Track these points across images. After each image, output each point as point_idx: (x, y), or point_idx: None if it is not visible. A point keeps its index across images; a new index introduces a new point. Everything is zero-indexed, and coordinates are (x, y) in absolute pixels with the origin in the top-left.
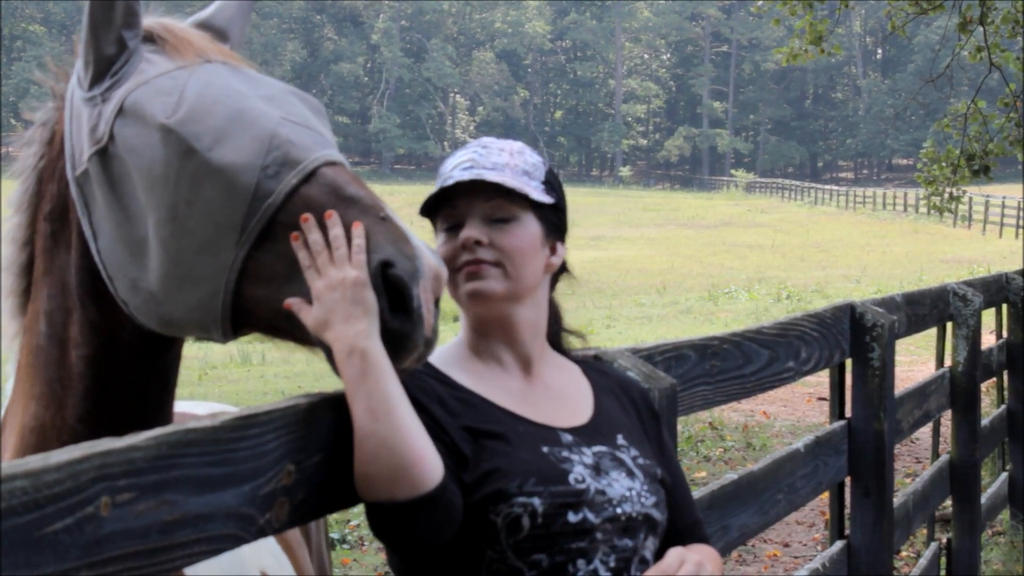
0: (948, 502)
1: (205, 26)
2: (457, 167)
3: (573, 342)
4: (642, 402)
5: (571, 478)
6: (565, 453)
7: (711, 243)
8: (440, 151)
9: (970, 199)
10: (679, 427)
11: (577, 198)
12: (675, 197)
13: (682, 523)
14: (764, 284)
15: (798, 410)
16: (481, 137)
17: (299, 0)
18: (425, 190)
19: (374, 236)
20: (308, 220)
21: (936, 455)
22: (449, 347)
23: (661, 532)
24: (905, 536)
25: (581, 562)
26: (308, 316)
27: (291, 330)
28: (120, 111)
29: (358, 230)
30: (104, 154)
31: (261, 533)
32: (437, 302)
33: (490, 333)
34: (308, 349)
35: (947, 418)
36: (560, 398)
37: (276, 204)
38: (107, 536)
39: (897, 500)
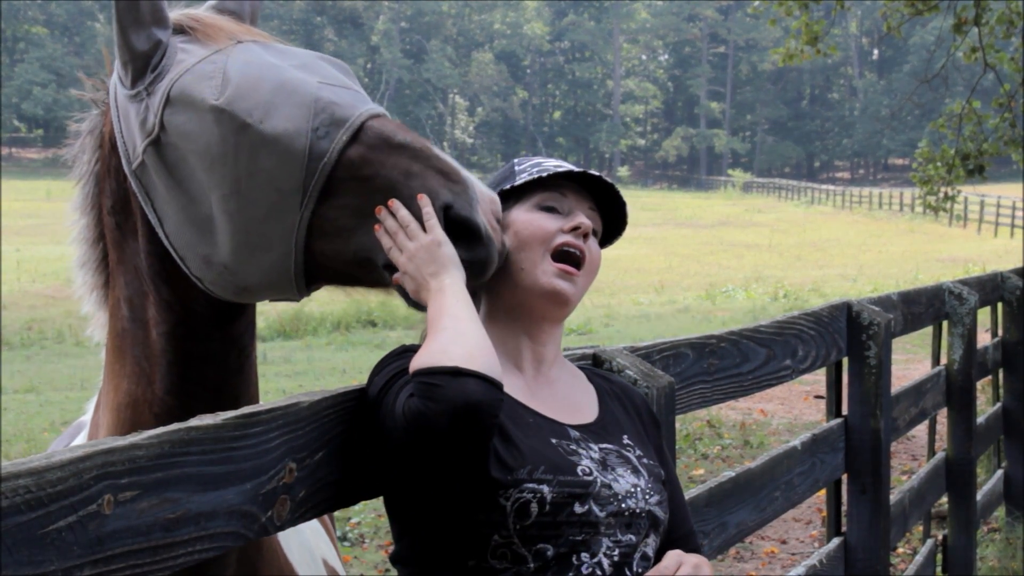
0: (944, 499)
1: (219, 11)
2: (563, 165)
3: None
4: (644, 409)
5: (579, 470)
6: (573, 447)
7: (709, 242)
8: (440, 151)
9: (965, 199)
10: (677, 425)
11: None
12: (673, 197)
13: (676, 532)
14: (761, 283)
15: (795, 408)
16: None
17: (299, 1)
18: None
19: (428, 182)
20: (381, 210)
21: (932, 453)
22: None
23: (663, 531)
24: (901, 533)
25: (585, 555)
26: (408, 288)
27: (364, 276)
28: (167, 101)
29: (423, 200)
30: (157, 144)
31: (263, 531)
32: (498, 220)
33: (527, 328)
34: (383, 292)
35: (943, 416)
36: (567, 399)
37: (332, 162)
38: (110, 534)
39: (893, 497)
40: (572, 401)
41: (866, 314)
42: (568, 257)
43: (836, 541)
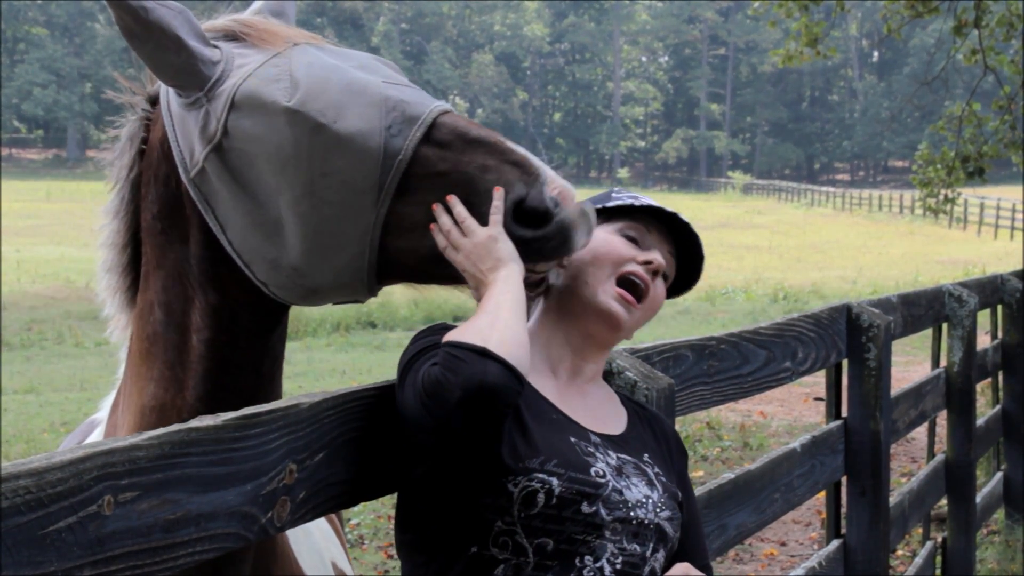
0: (944, 501)
1: (267, 14)
2: (655, 204)
3: None
4: (673, 440)
5: (592, 470)
6: (591, 449)
7: (708, 244)
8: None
9: (965, 201)
10: (677, 427)
11: None
12: (673, 198)
13: (693, 564)
14: (761, 285)
15: (795, 410)
16: None
17: (300, 2)
18: None
19: (503, 175)
20: (437, 207)
21: (932, 455)
22: None
23: (671, 549)
24: (901, 535)
25: (588, 558)
26: (470, 285)
27: (438, 272)
28: (232, 105)
29: (497, 193)
30: (220, 149)
31: (263, 532)
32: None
33: (573, 340)
34: (455, 287)
35: (943, 418)
36: (596, 410)
37: (407, 158)
38: (110, 535)
39: (893, 499)
40: (600, 413)
41: (866, 316)
42: (632, 287)
43: (836, 543)
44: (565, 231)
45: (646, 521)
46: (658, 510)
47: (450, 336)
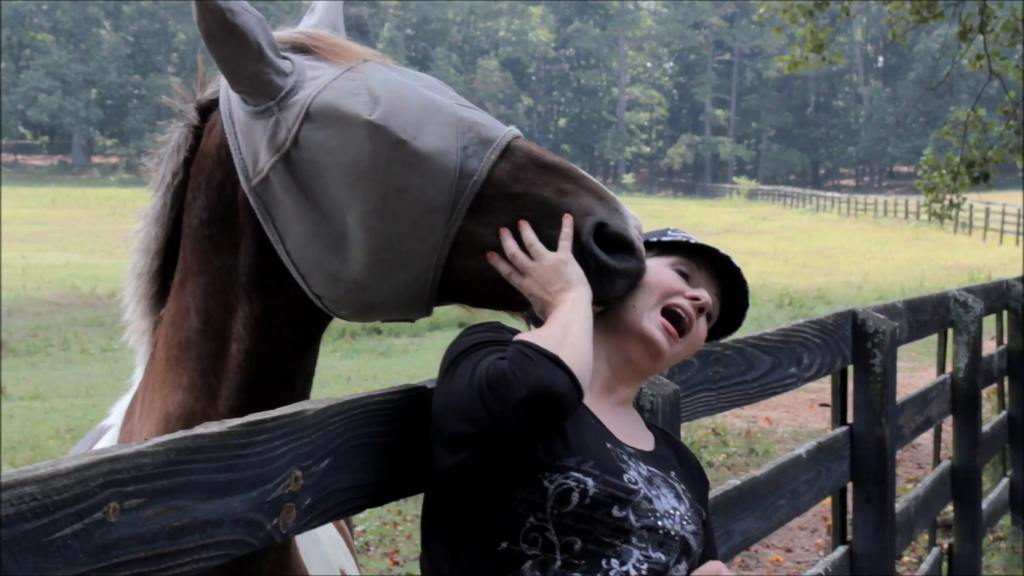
0: (949, 507)
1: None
2: (709, 245)
3: None
4: (696, 469)
5: (625, 477)
6: (625, 457)
7: None
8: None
9: (970, 206)
10: (682, 433)
11: None
12: (678, 204)
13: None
14: (766, 290)
15: (800, 416)
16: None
17: (304, 9)
18: None
19: (581, 200)
20: (504, 231)
21: (937, 461)
22: None
23: (694, 563)
24: (907, 541)
25: (615, 561)
26: (536, 308)
27: (498, 295)
28: (306, 116)
29: (567, 220)
30: (288, 159)
31: (268, 539)
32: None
33: (612, 360)
34: (511, 315)
35: (948, 424)
36: (625, 428)
37: (482, 179)
38: (115, 541)
39: (899, 505)
40: (630, 431)
41: (871, 322)
42: (676, 319)
43: (841, 549)
44: (642, 270)
45: (672, 532)
46: (684, 523)
47: (526, 336)
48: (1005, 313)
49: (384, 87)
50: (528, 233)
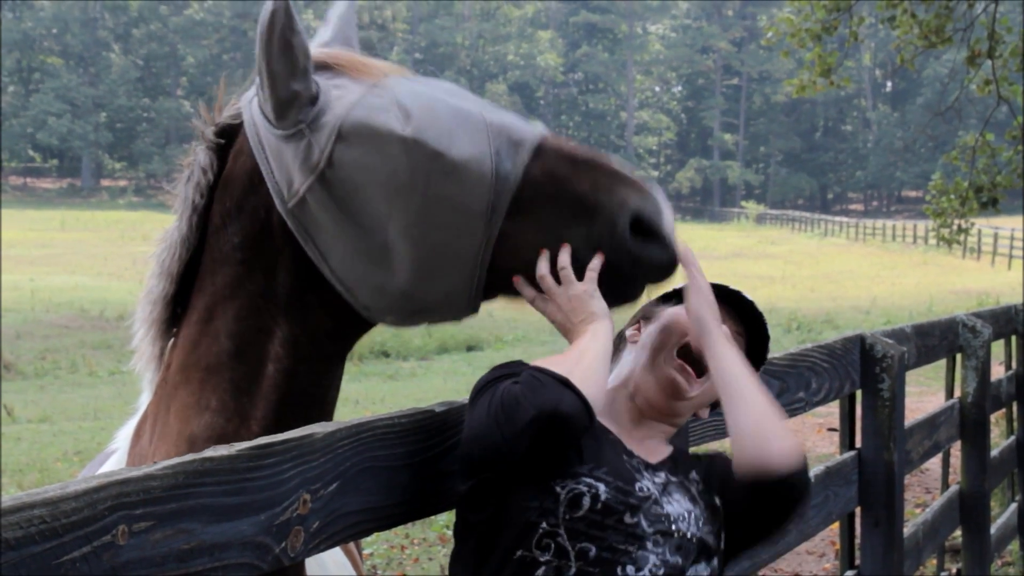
0: (958, 532)
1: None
2: (723, 284)
3: None
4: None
5: (637, 485)
6: (639, 467)
7: (722, 274)
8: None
9: (979, 231)
10: None
11: None
12: (686, 228)
13: None
14: (775, 315)
15: (808, 440)
16: None
17: (314, 33)
18: None
19: (617, 193)
20: (543, 252)
21: (946, 485)
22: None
23: (716, 563)
24: (915, 566)
25: (631, 567)
26: (559, 331)
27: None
28: (339, 136)
29: (597, 260)
30: (323, 179)
31: (276, 562)
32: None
33: (642, 404)
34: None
35: (957, 449)
36: (648, 447)
37: (517, 180)
38: (124, 564)
39: (907, 530)
40: (651, 447)
41: (879, 347)
42: (695, 363)
43: (850, 574)
44: (674, 261)
45: (688, 535)
46: (700, 523)
47: (538, 362)
48: (1014, 338)
49: (413, 100)
50: (564, 256)
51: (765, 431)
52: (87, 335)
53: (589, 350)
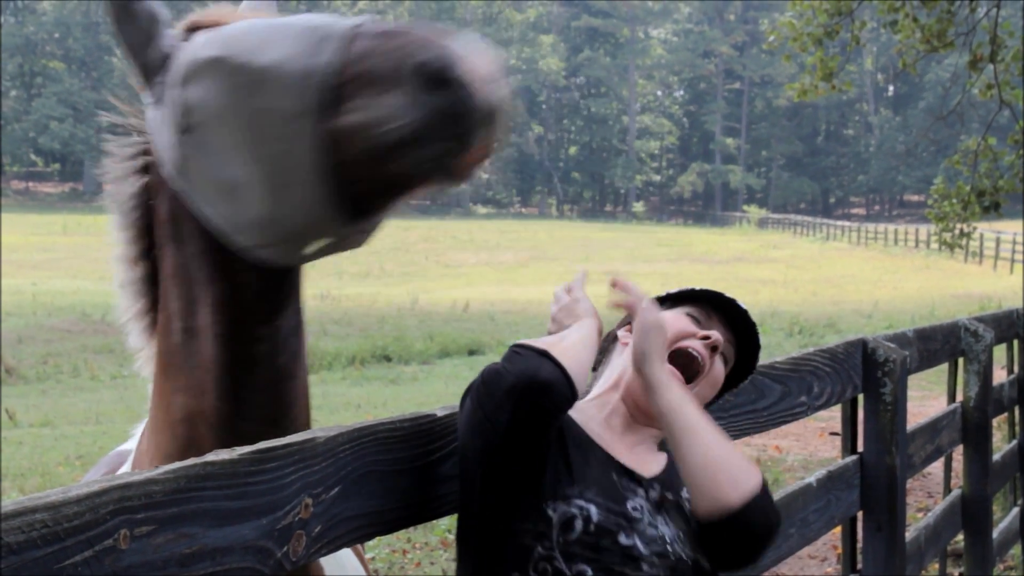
0: (960, 537)
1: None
2: (716, 292)
3: None
4: None
5: (629, 505)
6: (633, 486)
7: (724, 278)
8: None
9: (981, 235)
10: None
11: (591, 233)
12: (688, 232)
13: None
14: (776, 319)
15: (810, 445)
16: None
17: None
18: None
19: (413, 47)
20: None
21: (948, 490)
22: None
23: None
24: (917, 571)
25: None
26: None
27: (394, 170)
28: (181, 81)
29: (580, 275)
30: (186, 131)
31: (278, 567)
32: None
33: (632, 408)
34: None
35: (959, 453)
36: (637, 459)
37: (331, 72)
38: (126, 569)
39: (909, 535)
40: (643, 457)
41: (881, 351)
42: (689, 361)
43: None
44: (471, 105)
45: (684, 556)
46: (694, 545)
47: (519, 341)
48: (1016, 342)
49: (234, 27)
50: (576, 288)
51: (715, 468)
52: (89, 339)
53: (571, 333)
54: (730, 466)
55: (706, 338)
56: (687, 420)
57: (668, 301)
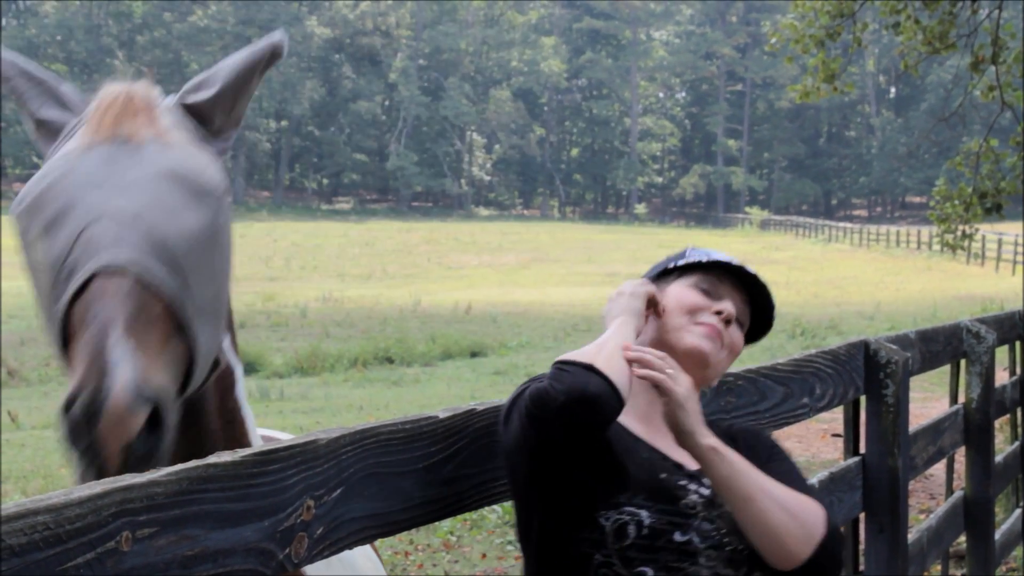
0: (962, 538)
1: (196, 88)
2: (725, 257)
3: None
4: (764, 449)
5: (683, 503)
6: (683, 482)
7: None
8: (457, 188)
9: (983, 236)
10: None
11: (593, 235)
12: (690, 234)
13: None
14: (778, 321)
15: (812, 446)
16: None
17: (318, 39)
18: (442, 227)
19: (80, 365)
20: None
21: (950, 491)
22: None
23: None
24: (919, 572)
25: None
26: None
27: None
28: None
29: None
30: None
31: (280, 568)
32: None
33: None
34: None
35: (961, 455)
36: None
37: (62, 311)
38: (128, 571)
39: (911, 536)
40: None
41: (884, 352)
42: (701, 361)
43: None
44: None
45: (739, 547)
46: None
47: (562, 355)
48: (1018, 344)
49: (51, 181)
50: (626, 285)
51: (781, 531)
52: None
53: (609, 339)
54: (795, 524)
55: (719, 312)
56: (745, 489)
57: (675, 272)
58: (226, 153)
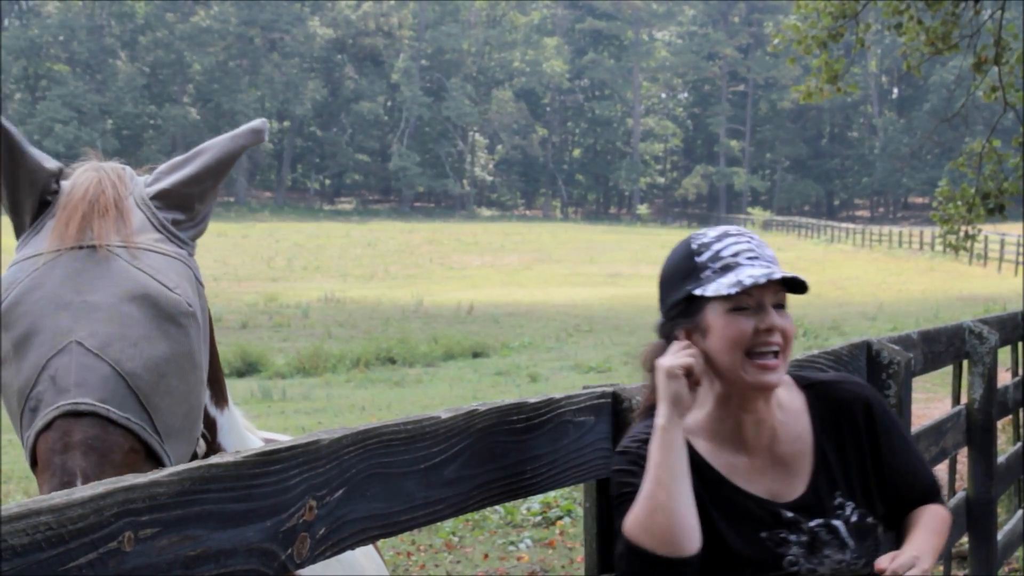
0: (964, 539)
1: (170, 169)
2: (742, 255)
3: None
4: (864, 417)
5: (785, 561)
6: (783, 534)
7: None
8: (459, 189)
9: (985, 237)
10: None
11: (595, 236)
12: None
13: (912, 494)
14: None
15: None
16: (726, 227)
17: (320, 40)
18: (444, 227)
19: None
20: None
21: (952, 492)
22: (696, 414)
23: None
24: None
25: None
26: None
27: None
28: None
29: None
30: None
31: (283, 569)
32: None
33: (742, 406)
34: None
35: (963, 455)
36: (784, 463)
37: (31, 442)
38: (130, 571)
39: None
40: (789, 466)
41: (886, 353)
42: (768, 352)
43: None
44: None
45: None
46: (852, 567)
47: (628, 527)
48: (1020, 345)
49: (19, 295)
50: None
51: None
52: None
53: (662, 481)
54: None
55: (767, 330)
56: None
57: (684, 302)
58: (200, 236)
